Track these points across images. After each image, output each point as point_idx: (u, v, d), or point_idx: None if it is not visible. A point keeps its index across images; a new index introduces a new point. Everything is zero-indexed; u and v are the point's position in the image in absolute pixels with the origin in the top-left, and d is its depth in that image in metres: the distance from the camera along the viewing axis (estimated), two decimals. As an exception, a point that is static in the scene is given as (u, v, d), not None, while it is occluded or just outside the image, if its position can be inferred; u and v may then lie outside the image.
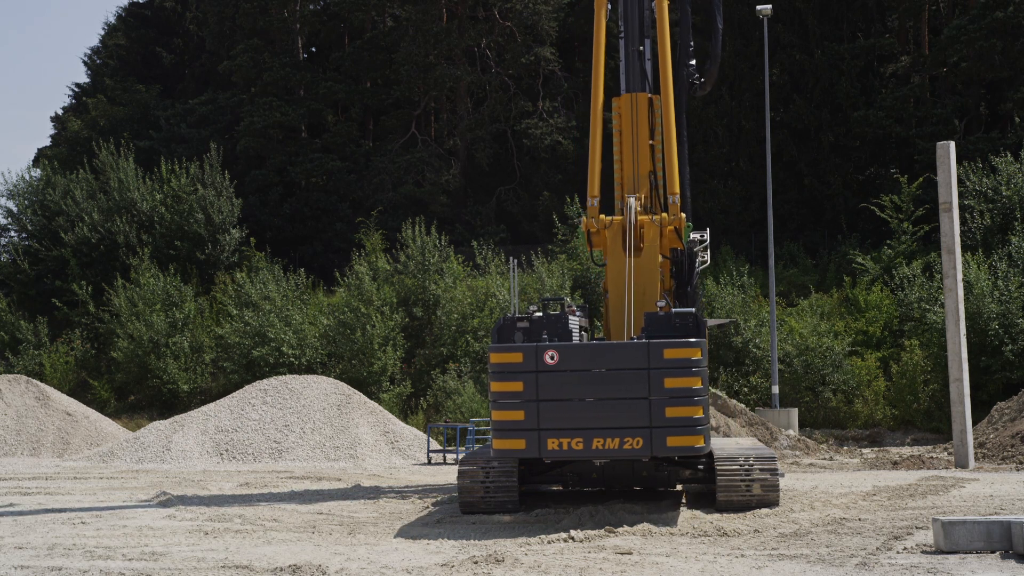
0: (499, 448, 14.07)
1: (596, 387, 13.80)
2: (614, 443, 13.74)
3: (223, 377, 35.51)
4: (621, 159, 18.61)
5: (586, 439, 13.75)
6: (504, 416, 13.90)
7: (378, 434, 26.87)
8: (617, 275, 16.76)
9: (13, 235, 45.16)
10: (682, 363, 13.76)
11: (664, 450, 13.86)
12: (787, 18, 40.45)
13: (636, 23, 18.77)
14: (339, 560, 11.87)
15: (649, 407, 13.70)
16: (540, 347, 13.93)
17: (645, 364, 13.74)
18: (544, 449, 13.85)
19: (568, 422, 13.79)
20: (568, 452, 13.88)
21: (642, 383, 13.71)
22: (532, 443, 13.83)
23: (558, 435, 13.80)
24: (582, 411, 13.78)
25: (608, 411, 13.75)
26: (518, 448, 13.94)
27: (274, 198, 45.61)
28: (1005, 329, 28.72)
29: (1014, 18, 36.21)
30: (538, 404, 13.80)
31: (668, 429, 13.69)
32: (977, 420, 24.85)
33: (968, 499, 15.90)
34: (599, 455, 14.00)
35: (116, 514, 16.12)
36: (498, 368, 14.00)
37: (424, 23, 44.73)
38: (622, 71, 18.88)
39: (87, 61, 59.87)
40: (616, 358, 13.88)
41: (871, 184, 38.82)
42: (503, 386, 13.93)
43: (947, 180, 21.58)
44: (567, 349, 14.00)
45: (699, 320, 14.46)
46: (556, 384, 13.82)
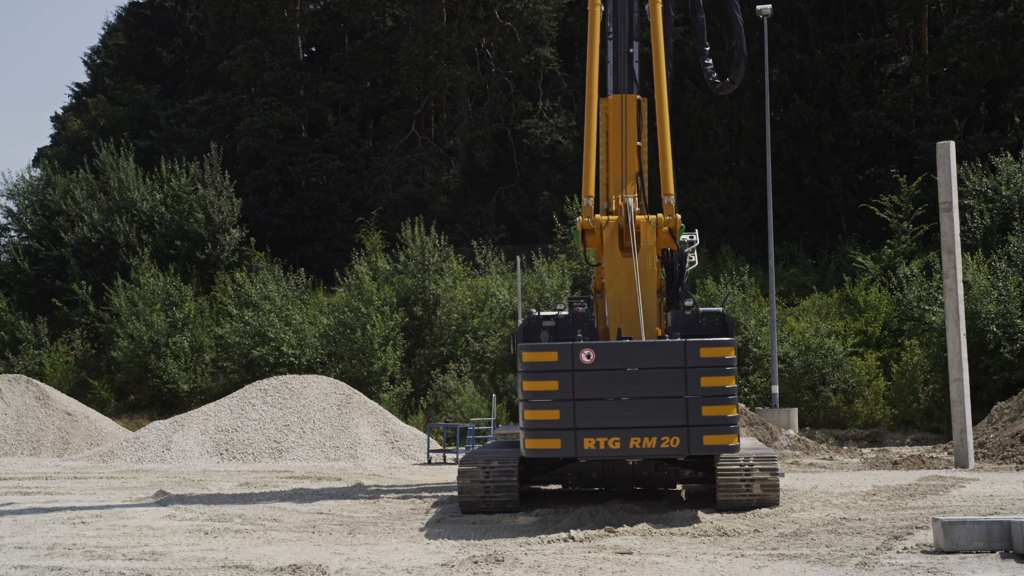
0: (532, 448, 13.83)
1: (632, 386, 13.71)
2: (651, 442, 13.71)
3: (223, 377, 35.52)
4: (608, 160, 18.68)
5: (623, 438, 13.67)
6: (538, 416, 13.69)
7: (378, 434, 26.88)
8: (614, 275, 16.79)
9: (13, 235, 45.17)
10: (717, 362, 13.79)
11: (700, 449, 13.85)
12: (787, 18, 40.45)
13: (626, 24, 18.83)
14: (339, 560, 11.87)
15: (686, 406, 13.69)
16: (576, 346, 13.79)
17: (682, 363, 13.71)
18: (580, 449, 13.70)
19: (605, 421, 13.67)
20: (605, 452, 13.77)
21: (679, 382, 13.69)
22: (568, 443, 13.66)
23: (595, 434, 13.66)
24: (619, 410, 13.68)
25: (645, 410, 13.68)
26: (553, 448, 13.76)
27: (274, 198, 45.61)
28: (1004, 329, 28.73)
29: (1014, 18, 36.21)
30: (574, 403, 13.63)
31: (704, 428, 13.70)
32: (977, 420, 24.86)
33: (968, 499, 15.90)
34: (636, 454, 13.95)
35: (116, 514, 16.12)
36: (531, 367, 13.77)
37: (424, 23, 44.72)
38: (610, 72, 18.91)
39: (87, 61, 59.93)
40: (652, 357, 13.81)
41: (871, 184, 38.82)
42: (537, 385, 13.71)
43: (947, 180, 21.58)
44: (604, 348, 13.88)
45: (726, 320, 14.46)
46: (592, 383, 13.68)
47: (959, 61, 38.59)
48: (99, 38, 63.91)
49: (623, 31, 18.79)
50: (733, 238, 39.02)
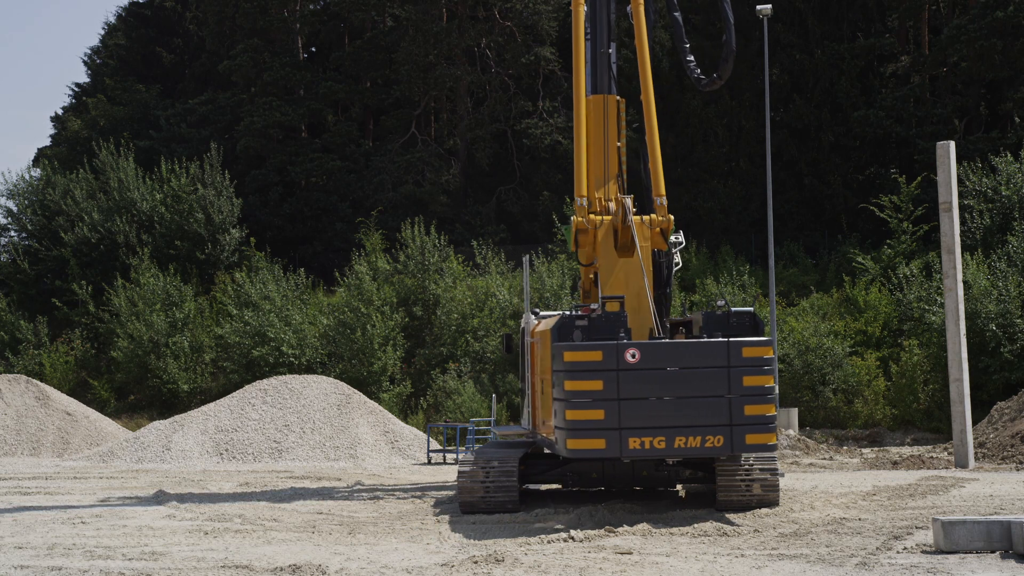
0: (574, 448, 13.72)
1: (676, 385, 13.70)
2: (696, 442, 13.70)
3: (223, 377, 35.52)
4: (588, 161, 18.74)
5: (668, 438, 13.65)
6: (581, 416, 13.57)
7: (378, 434, 26.88)
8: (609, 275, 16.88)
9: (13, 235, 45.17)
10: (758, 361, 13.92)
11: (743, 447, 13.89)
12: (787, 18, 40.44)
13: (604, 25, 18.87)
14: (339, 560, 11.87)
15: (729, 405, 13.72)
16: (621, 345, 13.75)
17: (725, 363, 13.75)
18: (625, 449, 13.66)
19: (650, 421, 13.63)
20: (650, 451, 13.75)
21: (722, 381, 13.74)
22: (613, 443, 13.59)
23: (640, 434, 13.61)
24: (664, 410, 13.67)
25: (689, 409, 13.68)
26: (597, 448, 13.67)
27: (274, 198, 45.61)
28: (1004, 329, 28.72)
29: (1014, 18, 36.19)
30: (619, 403, 13.57)
31: (747, 427, 13.76)
32: (977, 420, 24.86)
33: (968, 499, 15.91)
34: (680, 454, 13.97)
35: (116, 514, 16.11)
36: (574, 367, 13.67)
37: (424, 23, 44.71)
38: (588, 72, 18.94)
39: (87, 61, 59.92)
40: (696, 356, 13.82)
41: (871, 184, 38.81)
42: (579, 385, 13.61)
43: (947, 180, 21.58)
44: (648, 347, 13.85)
45: (757, 320, 14.50)
46: (637, 383, 13.63)
47: (959, 61, 38.58)
48: (99, 38, 63.96)
49: (600, 31, 18.85)
50: (733, 238, 39.01)
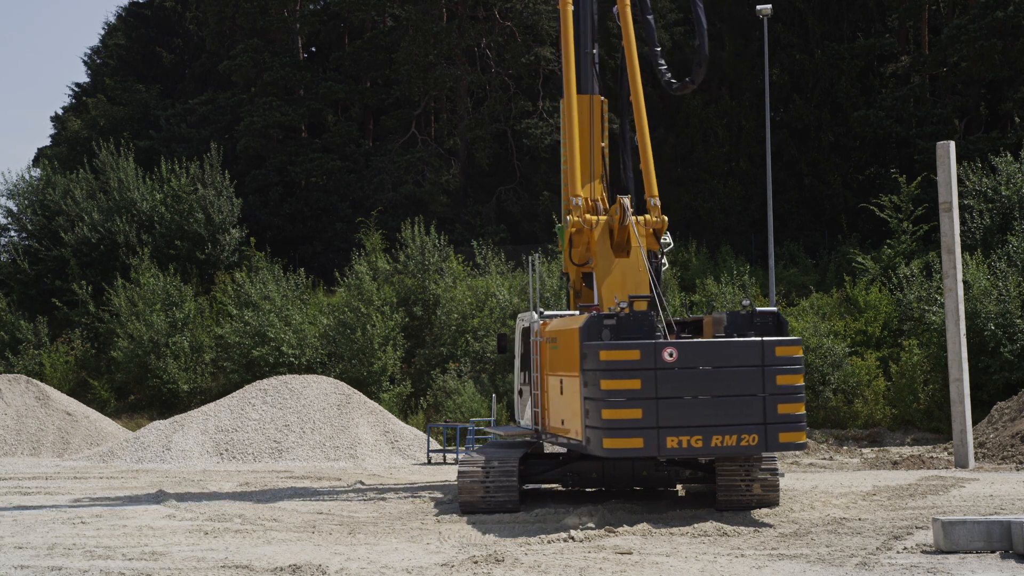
0: (611, 448, 13.71)
1: (713, 384, 13.78)
2: (732, 440, 13.78)
3: (223, 377, 35.51)
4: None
5: (705, 436, 13.72)
6: (618, 415, 13.59)
7: (378, 434, 26.88)
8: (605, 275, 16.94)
9: (13, 235, 45.16)
10: (790, 360, 14.10)
11: (776, 446, 13.99)
12: (787, 18, 40.43)
13: (587, 25, 18.92)
14: (339, 560, 11.87)
15: (763, 404, 13.82)
16: (659, 344, 13.77)
17: (759, 362, 13.87)
18: (663, 448, 13.70)
19: (688, 420, 13.67)
20: (687, 450, 13.80)
21: (757, 380, 13.85)
22: (651, 442, 13.62)
23: (677, 433, 13.65)
24: (701, 408, 13.72)
25: (726, 408, 13.77)
26: (635, 447, 13.69)
27: (274, 198, 45.60)
28: (1004, 329, 28.71)
29: (1014, 18, 36.17)
30: (657, 402, 13.58)
31: (780, 425, 13.90)
32: (977, 420, 24.85)
33: (968, 499, 15.91)
34: (717, 452, 14.04)
35: (116, 513, 16.11)
36: (611, 365, 13.67)
37: (424, 23, 44.70)
38: None
39: (87, 61, 59.90)
40: (732, 355, 13.90)
41: (871, 184, 38.79)
42: (617, 384, 13.62)
43: (947, 180, 21.58)
44: (686, 346, 13.87)
45: (781, 319, 14.57)
46: (675, 382, 13.67)
47: (959, 61, 38.56)
48: (99, 38, 63.96)
49: (584, 32, 18.88)
50: (733, 238, 39.00)
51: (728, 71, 41.25)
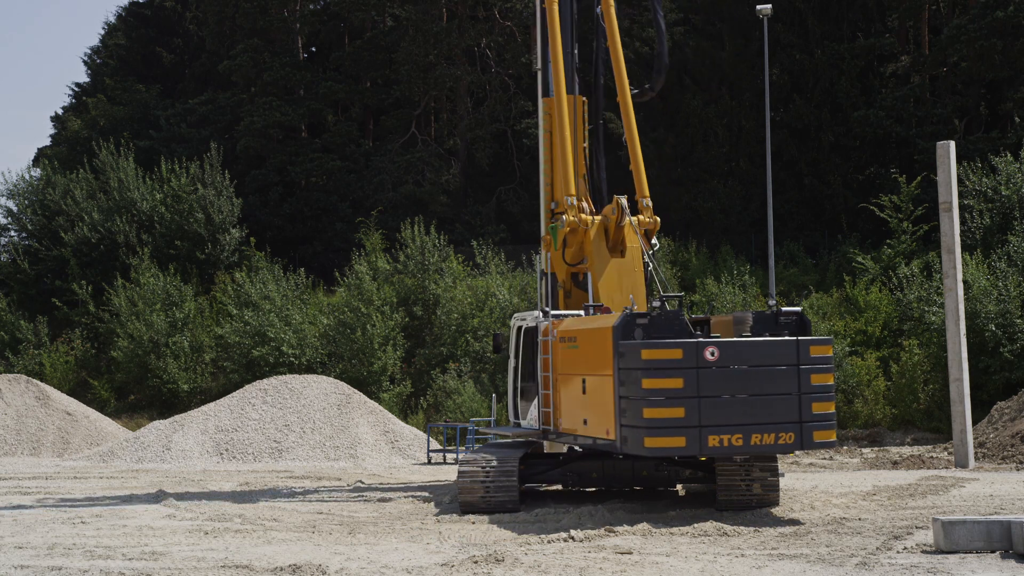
0: (653, 447, 13.71)
1: (751, 383, 13.86)
2: (770, 438, 13.89)
3: (223, 377, 35.51)
4: (552, 161, 18.77)
5: (745, 435, 13.80)
6: (660, 414, 13.59)
7: (378, 434, 26.88)
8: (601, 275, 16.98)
9: (13, 235, 45.16)
10: (824, 360, 14.26)
11: (811, 444, 14.10)
12: (787, 18, 40.41)
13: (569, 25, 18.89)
14: (339, 560, 11.87)
15: (799, 403, 13.93)
16: (701, 343, 13.80)
17: (795, 361, 14.02)
18: (705, 447, 13.72)
19: (729, 418, 13.74)
20: (728, 449, 13.85)
21: (793, 379, 13.95)
22: (693, 440, 13.63)
23: (719, 432, 13.70)
24: (741, 407, 13.80)
25: (764, 407, 13.89)
26: (677, 446, 13.72)
27: (274, 198, 45.60)
28: (1004, 329, 28.71)
29: (1014, 18, 36.16)
30: (699, 401, 13.60)
31: (814, 424, 14.03)
32: (977, 420, 24.85)
33: (968, 499, 15.91)
34: (755, 451, 14.11)
35: (116, 513, 16.12)
36: (653, 364, 13.66)
37: (424, 23, 44.70)
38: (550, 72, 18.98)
39: (87, 61, 59.90)
40: (769, 355, 14.01)
41: (871, 184, 38.78)
42: (659, 383, 13.61)
43: (947, 180, 21.57)
44: (726, 345, 13.92)
45: (805, 319, 14.68)
46: (716, 380, 13.72)
47: (959, 61, 38.55)
48: (99, 38, 63.95)
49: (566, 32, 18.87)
50: (733, 238, 38.99)
51: (728, 71, 41.24)
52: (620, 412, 13.94)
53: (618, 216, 17.34)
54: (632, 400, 13.76)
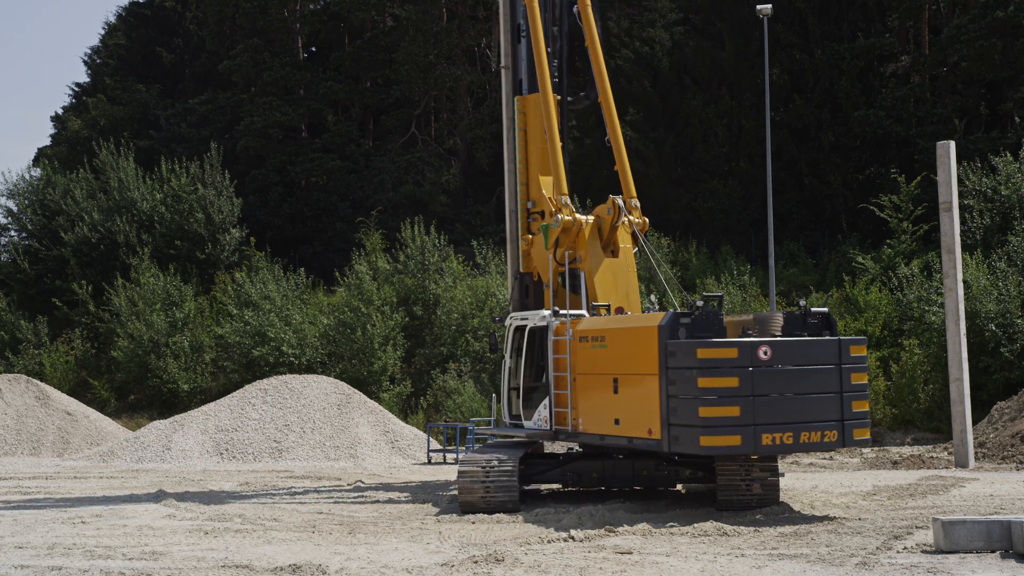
0: (709, 445, 13.78)
1: (800, 382, 14.09)
2: (816, 436, 14.13)
3: (223, 377, 35.51)
4: (528, 160, 18.67)
5: (795, 433, 13.99)
6: (716, 412, 13.70)
7: (378, 434, 26.87)
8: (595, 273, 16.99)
9: (13, 235, 45.18)
10: (861, 359, 14.55)
11: (852, 441, 14.40)
12: (787, 18, 40.40)
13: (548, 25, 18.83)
14: (339, 560, 11.87)
15: (841, 401, 14.24)
16: (755, 342, 13.94)
17: (837, 360, 14.33)
18: (759, 445, 13.87)
19: (780, 417, 13.91)
20: (779, 447, 14.03)
21: (836, 378, 14.26)
22: (748, 439, 13.79)
23: (771, 430, 13.85)
24: (791, 406, 14.00)
25: (811, 405, 14.11)
26: (732, 445, 13.83)
27: (274, 198, 45.61)
28: (1004, 329, 28.70)
29: (1014, 18, 36.15)
30: (754, 400, 13.74)
31: (854, 422, 14.35)
32: (977, 420, 24.84)
33: (968, 499, 15.91)
34: (803, 449, 14.38)
35: (116, 513, 16.11)
36: (709, 363, 13.75)
37: (424, 23, 44.71)
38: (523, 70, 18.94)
39: (87, 61, 59.93)
40: (815, 354, 14.26)
41: (871, 184, 38.76)
42: (715, 382, 13.73)
43: (947, 180, 21.57)
44: (778, 345, 14.08)
45: (831, 319, 14.88)
46: (768, 379, 13.89)
47: (959, 61, 38.54)
48: (99, 38, 63.98)
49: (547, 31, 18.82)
50: (733, 238, 38.99)
51: (728, 71, 41.22)
52: (669, 411, 13.96)
53: (614, 216, 17.37)
54: (685, 399, 13.82)
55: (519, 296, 18.95)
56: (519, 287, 18.92)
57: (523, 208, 18.84)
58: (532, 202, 18.66)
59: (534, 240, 18.36)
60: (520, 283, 18.92)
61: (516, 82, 19.36)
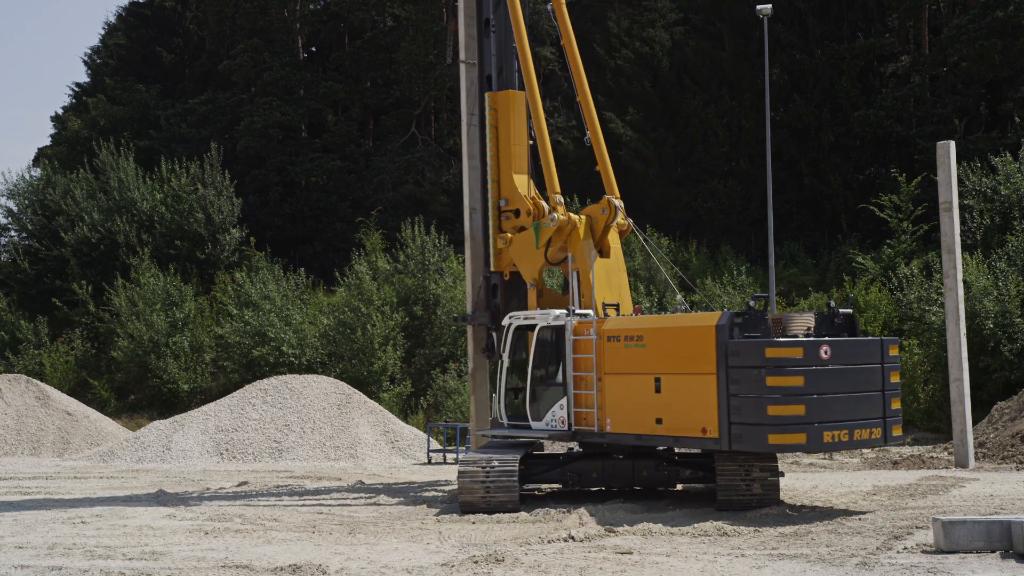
0: (776, 443, 14.08)
1: (853, 381, 14.54)
2: (865, 433, 14.62)
3: (223, 377, 35.51)
4: (498, 157, 18.61)
5: (850, 430, 14.38)
6: (783, 411, 13.95)
7: (378, 434, 26.88)
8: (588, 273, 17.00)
9: (13, 235, 45.20)
10: (896, 359, 15.27)
11: (891, 439, 15.02)
12: (787, 18, 40.41)
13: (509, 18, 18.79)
14: (339, 560, 11.87)
15: (883, 399, 14.90)
16: (816, 342, 14.25)
17: (880, 360, 14.92)
18: (821, 442, 14.20)
19: (838, 415, 14.28)
20: (837, 444, 14.40)
21: (879, 377, 14.88)
22: (812, 437, 14.09)
23: (831, 428, 14.17)
24: (846, 404, 14.40)
25: (860, 403, 14.59)
26: (798, 442, 14.17)
27: (274, 198, 45.61)
28: (1003, 329, 28.70)
29: (1014, 18, 36.15)
30: (817, 398, 14.08)
31: (893, 419, 15.01)
32: (977, 420, 24.84)
33: (968, 499, 15.90)
34: (855, 446, 14.77)
35: (116, 513, 16.11)
36: (776, 363, 13.99)
37: (424, 23, 44.70)
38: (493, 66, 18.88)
39: (87, 61, 59.97)
40: (863, 353, 14.78)
41: (871, 184, 38.76)
42: (783, 381, 13.95)
43: (947, 180, 21.56)
44: (836, 344, 14.41)
45: (855, 320, 15.32)
46: (828, 378, 14.25)
47: (959, 61, 38.53)
48: (99, 38, 64.01)
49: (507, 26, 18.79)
50: (733, 238, 38.98)
51: (728, 71, 41.23)
52: (731, 410, 14.17)
53: (609, 216, 17.38)
54: (748, 398, 14.05)
55: (486, 296, 18.82)
56: (486, 286, 18.81)
57: (494, 206, 18.75)
58: (505, 200, 18.56)
59: (513, 239, 18.26)
60: (487, 282, 18.84)
61: (484, 77, 19.23)
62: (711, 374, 14.31)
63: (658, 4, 43.38)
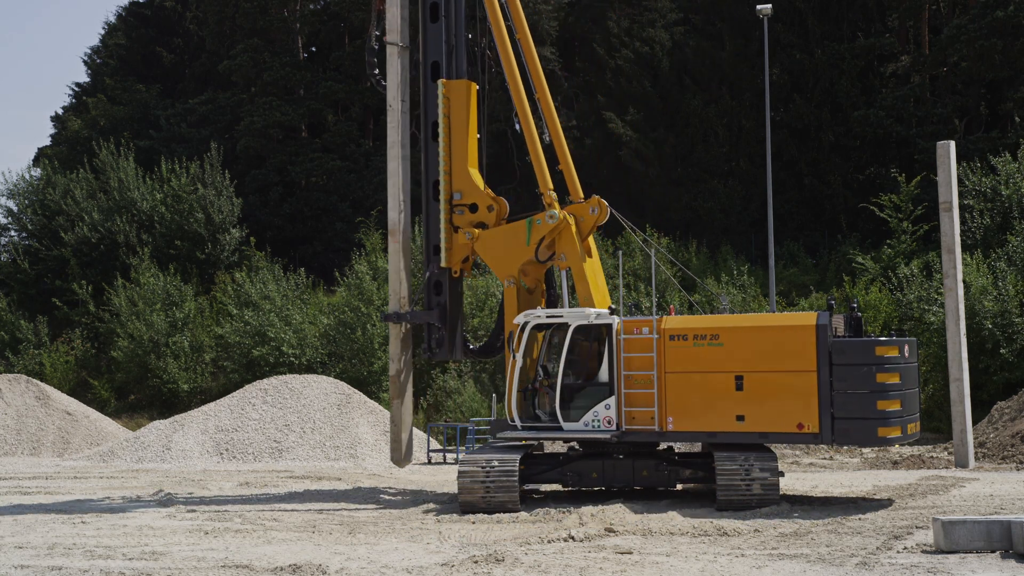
0: (885, 435, 15.05)
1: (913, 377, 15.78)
2: (917, 427, 15.80)
3: (223, 377, 35.51)
4: (451, 148, 18.38)
5: (913, 424, 15.63)
6: (889, 406, 15.05)
7: (378, 434, 26.88)
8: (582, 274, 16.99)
9: (13, 235, 45.22)
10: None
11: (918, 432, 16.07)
12: (787, 18, 40.42)
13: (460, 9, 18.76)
14: (339, 560, 11.87)
15: (918, 395, 16.06)
16: (903, 341, 15.38)
17: (915, 359, 16.00)
18: (907, 435, 15.42)
19: (911, 409, 15.53)
20: (911, 436, 15.61)
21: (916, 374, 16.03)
22: (904, 430, 15.30)
23: (908, 421, 15.42)
24: (912, 399, 15.58)
25: (915, 399, 15.79)
26: (897, 435, 15.22)
27: (274, 198, 45.62)
28: (1003, 329, 28.70)
29: (1014, 18, 36.16)
30: (908, 393, 15.35)
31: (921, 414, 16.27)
32: (977, 420, 24.84)
33: (968, 499, 15.90)
34: (911, 439, 15.76)
35: (116, 513, 16.11)
36: (883, 360, 15.05)
37: (424, 23, 44.66)
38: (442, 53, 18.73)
39: (87, 61, 59.98)
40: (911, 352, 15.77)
41: (871, 184, 38.77)
42: (887, 377, 15.06)
43: (947, 180, 21.56)
44: (906, 343, 15.48)
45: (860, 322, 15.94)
46: (910, 375, 15.56)
47: (959, 61, 38.54)
48: (99, 38, 64.00)
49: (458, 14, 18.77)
50: (733, 238, 38.99)
51: (728, 71, 41.23)
52: (836, 405, 14.93)
53: (599, 216, 17.34)
54: (856, 393, 14.92)
55: (428, 293, 18.56)
56: (429, 283, 18.48)
57: (446, 199, 18.49)
58: (458, 193, 18.31)
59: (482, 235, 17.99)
60: (430, 279, 18.52)
61: (429, 64, 19.06)
62: (810, 371, 15.04)
63: (658, 4, 43.36)
